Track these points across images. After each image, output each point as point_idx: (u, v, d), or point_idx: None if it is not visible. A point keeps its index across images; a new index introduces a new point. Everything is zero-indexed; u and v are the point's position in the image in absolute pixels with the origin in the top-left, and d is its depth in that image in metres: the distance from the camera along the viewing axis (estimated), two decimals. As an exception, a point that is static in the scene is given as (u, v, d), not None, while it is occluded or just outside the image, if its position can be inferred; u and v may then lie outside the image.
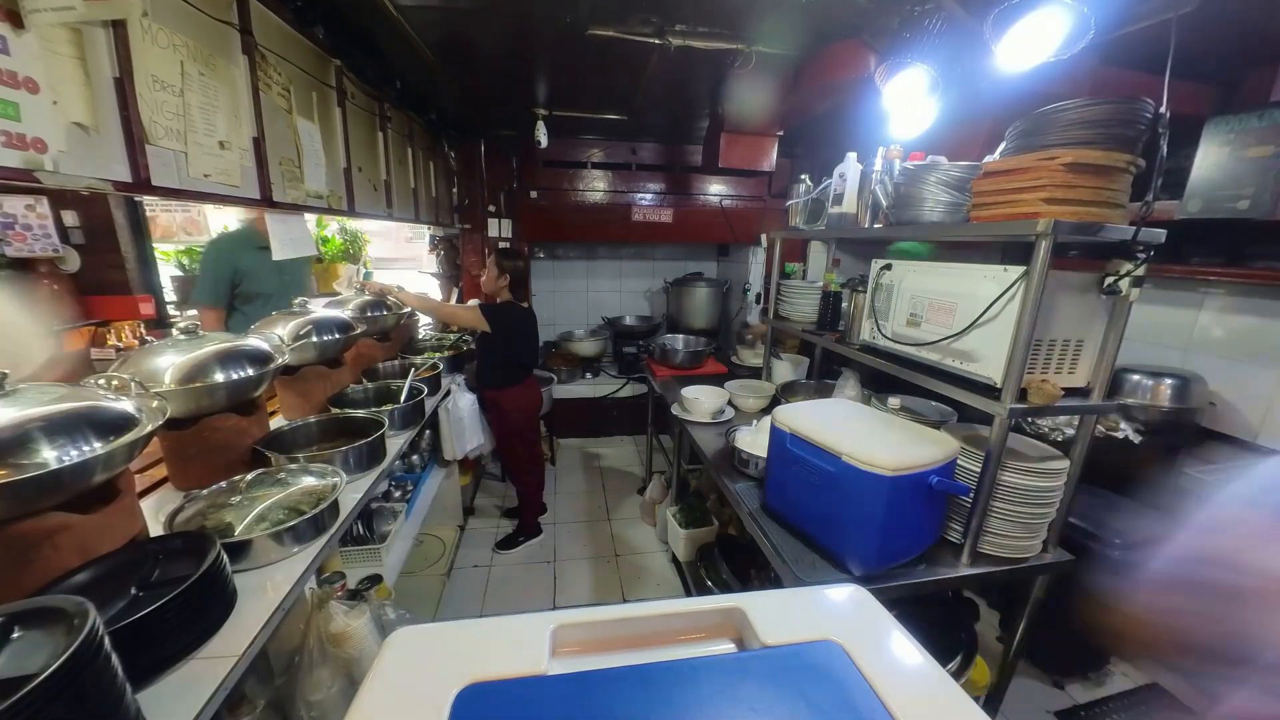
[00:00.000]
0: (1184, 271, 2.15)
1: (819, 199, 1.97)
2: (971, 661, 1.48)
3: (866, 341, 1.67)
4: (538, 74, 2.48)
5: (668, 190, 4.00)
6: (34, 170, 0.90)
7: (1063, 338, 1.23)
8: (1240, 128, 1.83)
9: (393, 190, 2.53)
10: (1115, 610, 0.71)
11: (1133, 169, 1.08)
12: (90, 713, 0.62)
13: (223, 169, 1.36)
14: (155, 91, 1.15)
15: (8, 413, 0.82)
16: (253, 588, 1.03)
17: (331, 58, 1.90)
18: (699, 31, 1.92)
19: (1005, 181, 1.16)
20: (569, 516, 3.23)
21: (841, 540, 1.26)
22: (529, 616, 0.44)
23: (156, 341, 1.43)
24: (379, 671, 0.38)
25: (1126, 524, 1.88)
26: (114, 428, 0.90)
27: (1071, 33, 1.32)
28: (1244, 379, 2.06)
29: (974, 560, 1.29)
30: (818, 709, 0.35)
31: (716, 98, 2.73)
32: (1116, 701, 1.97)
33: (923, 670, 0.39)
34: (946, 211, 1.37)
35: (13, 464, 0.77)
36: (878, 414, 1.43)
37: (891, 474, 1.12)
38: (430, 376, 2.34)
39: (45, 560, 0.84)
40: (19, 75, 0.87)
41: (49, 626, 0.66)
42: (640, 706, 0.35)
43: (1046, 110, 1.11)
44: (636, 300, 4.65)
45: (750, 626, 0.42)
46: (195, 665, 0.84)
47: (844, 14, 1.78)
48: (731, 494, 1.67)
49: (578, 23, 1.83)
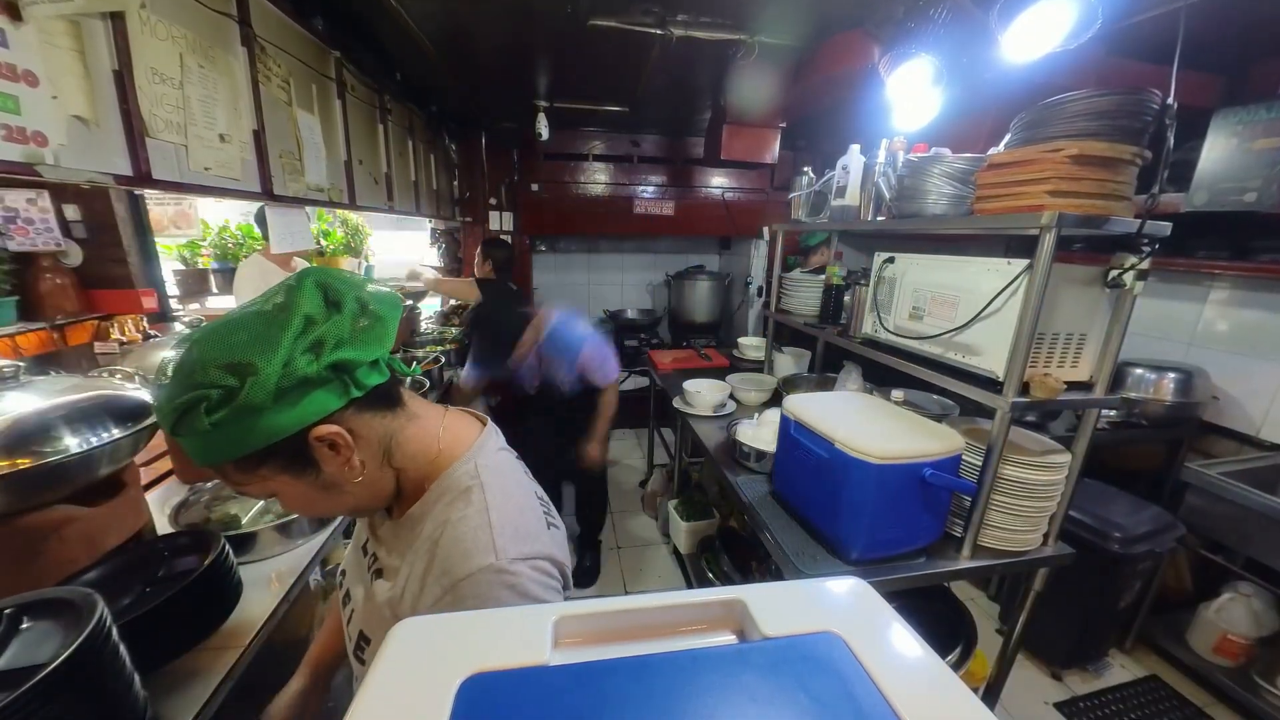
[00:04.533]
0: (1189, 265, 2.14)
1: (821, 191, 1.96)
2: (971, 653, 1.50)
3: (868, 335, 1.67)
4: (539, 66, 2.46)
5: (669, 183, 3.98)
6: (35, 164, 0.90)
7: (1065, 331, 1.22)
8: (1248, 119, 1.81)
9: (394, 183, 2.52)
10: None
11: (1139, 161, 1.07)
12: (99, 702, 0.63)
13: (223, 162, 1.35)
14: (155, 84, 1.14)
15: (29, 402, 0.82)
16: (258, 579, 1.04)
17: (331, 50, 1.88)
18: (701, 22, 1.91)
19: (1009, 174, 1.15)
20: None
21: (834, 526, 1.29)
22: (531, 608, 0.44)
23: (160, 336, 1.44)
24: (382, 662, 0.38)
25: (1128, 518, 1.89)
26: (132, 415, 0.91)
27: (1079, 22, 1.30)
28: (1247, 373, 2.06)
29: (975, 553, 1.29)
30: (817, 699, 0.35)
31: (718, 89, 2.70)
32: (1115, 693, 1.99)
33: (922, 662, 0.39)
34: (950, 204, 1.36)
35: (35, 451, 0.78)
36: (887, 407, 1.43)
37: (878, 462, 1.14)
38: (432, 369, 2.34)
39: (53, 552, 0.85)
40: (18, 68, 0.87)
41: (58, 618, 0.67)
42: (641, 696, 0.36)
43: (1052, 102, 1.10)
44: (638, 293, 4.64)
45: (751, 618, 0.43)
46: (202, 656, 0.85)
47: (848, 4, 1.76)
48: (733, 487, 1.68)
49: (579, 13, 1.81)
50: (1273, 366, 1.99)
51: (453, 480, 0.62)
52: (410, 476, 0.63)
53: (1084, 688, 2.01)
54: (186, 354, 0.51)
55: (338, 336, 0.53)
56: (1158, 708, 1.93)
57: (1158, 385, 2.09)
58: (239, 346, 0.50)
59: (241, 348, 0.50)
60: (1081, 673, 2.07)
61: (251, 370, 0.49)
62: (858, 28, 1.88)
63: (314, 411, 0.53)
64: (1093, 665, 2.09)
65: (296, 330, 0.52)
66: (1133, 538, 1.83)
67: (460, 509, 0.60)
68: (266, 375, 0.49)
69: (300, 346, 0.51)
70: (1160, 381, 2.08)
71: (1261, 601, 1.88)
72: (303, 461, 0.55)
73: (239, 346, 0.50)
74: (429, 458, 0.64)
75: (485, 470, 0.64)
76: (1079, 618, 1.95)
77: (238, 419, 0.50)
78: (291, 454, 0.54)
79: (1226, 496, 1.67)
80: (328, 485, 0.57)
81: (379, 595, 0.63)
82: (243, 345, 0.50)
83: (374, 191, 2.34)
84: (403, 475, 0.63)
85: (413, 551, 0.61)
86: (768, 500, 1.56)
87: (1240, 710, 1.87)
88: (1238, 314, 2.10)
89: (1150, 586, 2.04)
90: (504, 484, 0.64)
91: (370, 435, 0.59)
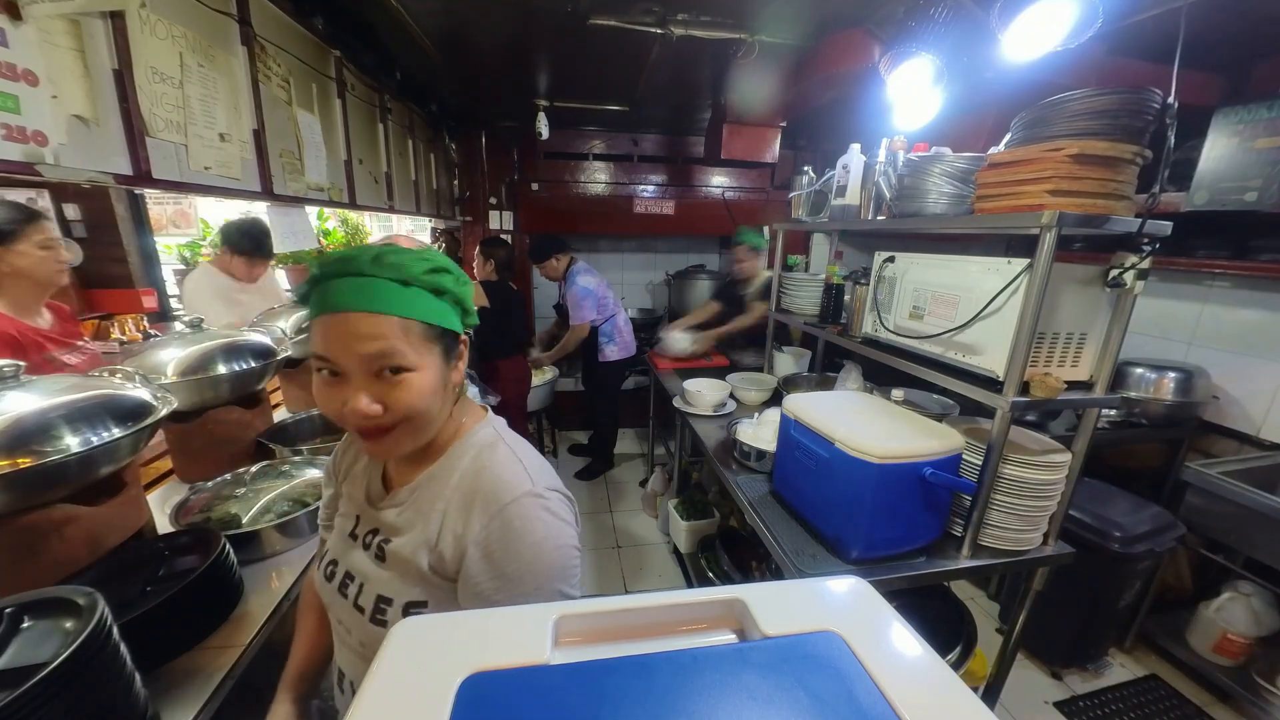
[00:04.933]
0: (1189, 264, 2.14)
1: (822, 191, 1.95)
2: (971, 652, 1.50)
3: (869, 334, 1.67)
4: (539, 64, 2.46)
5: (669, 182, 3.98)
6: (35, 163, 0.90)
7: (1066, 331, 1.22)
8: (1249, 119, 1.81)
9: (394, 182, 2.52)
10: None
11: (1139, 160, 1.07)
12: (100, 701, 0.63)
13: (223, 161, 1.35)
14: (155, 83, 1.14)
15: (29, 401, 0.82)
16: (259, 579, 1.04)
17: (331, 48, 1.88)
18: (701, 21, 1.91)
19: (1010, 173, 1.15)
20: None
21: (834, 525, 1.29)
22: (532, 607, 0.44)
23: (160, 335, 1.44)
24: (383, 661, 0.38)
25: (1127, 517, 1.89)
26: (132, 415, 0.91)
27: (1079, 21, 1.30)
28: (1248, 373, 2.06)
29: (974, 552, 1.29)
30: (817, 698, 0.35)
31: (719, 88, 2.70)
32: (1115, 692, 1.99)
33: (922, 661, 0.39)
34: (950, 204, 1.36)
35: (36, 450, 0.78)
36: (887, 406, 1.43)
37: (879, 461, 1.14)
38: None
39: (54, 552, 0.85)
40: (18, 68, 0.87)
41: (59, 617, 0.67)
42: (641, 695, 0.36)
43: (1052, 101, 1.10)
44: (638, 292, 4.64)
45: (751, 617, 0.43)
46: (203, 655, 0.85)
47: (848, 2, 1.76)
48: (732, 486, 1.68)
49: (579, 12, 1.81)
50: (1273, 366, 1.98)
51: (477, 438, 0.72)
52: (442, 433, 0.71)
53: (1084, 687, 2.01)
54: (405, 252, 0.63)
55: (462, 290, 0.68)
56: (1158, 707, 1.93)
57: (1158, 385, 2.08)
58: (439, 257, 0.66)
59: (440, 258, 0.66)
60: (1081, 672, 2.07)
61: (462, 279, 0.68)
62: (858, 26, 1.88)
63: (464, 324, 0.69)
64: (1092, 664, 2.09)
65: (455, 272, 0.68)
66: (1133, 537, 1.83)
67: (491, 454, 0.70)
68: (465, 283, 0.68)
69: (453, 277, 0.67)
70: (1160, 381, 2.08)
71: (1261, 601, 1.88)
72: (451, 354, 0.67)
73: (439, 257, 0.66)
74: (456, 421, 0.73)
75: (502, 430, 0.76)
76: (1079, 617, 1.95)
77: (455, 298, 0.66)
78: (450, 343, 0.67)
79: (1227, 496, 1.67)
80: (444, 386, 0.66)
81: (403, 550, 0.68)
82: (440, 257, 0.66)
83: (374, 191, 2.34)
84: (441, 430, 0.71)
85: (440, 500, 0.68)
86: (768, 499, 1.56)
87: (1240, 710, 1.87)
88: (1238, 313, 2.09)
89: (1150, 586, 2.04)
90: (520, 442, 0.75)
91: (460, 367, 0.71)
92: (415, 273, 0.61)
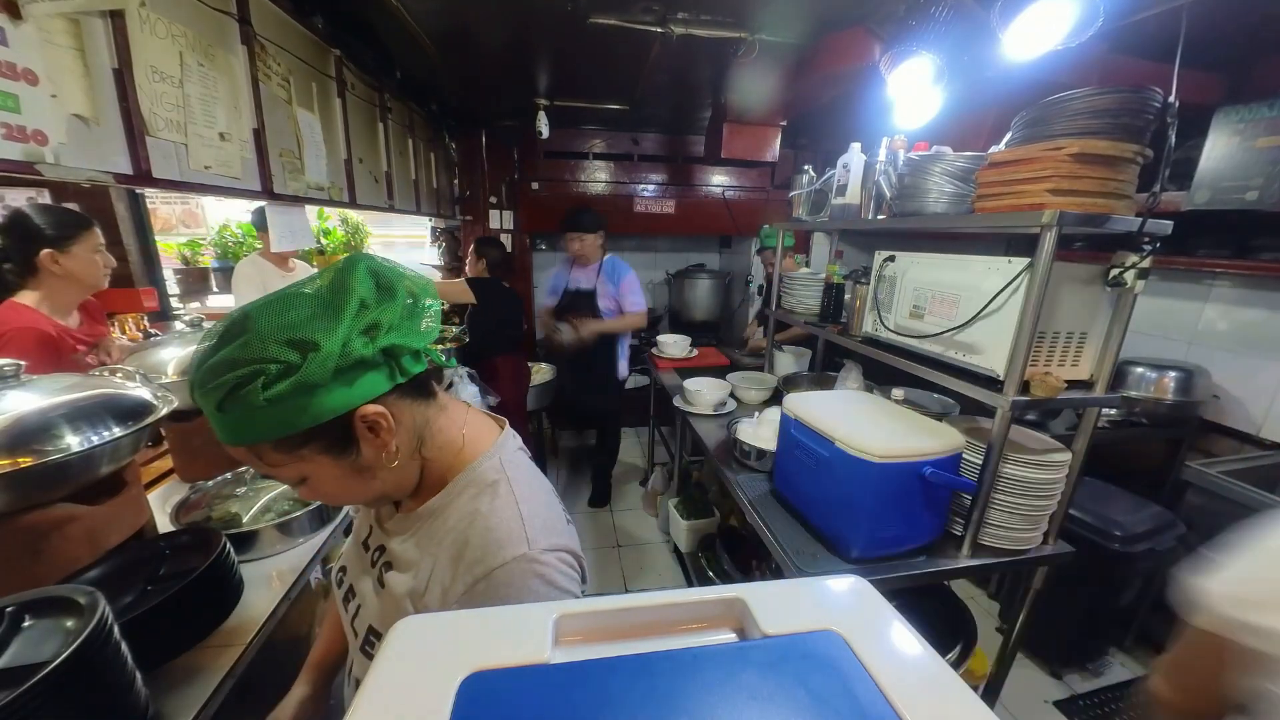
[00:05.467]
0: (1190, 263, 2.14)
1: (822, 190, 1.95)
2: (970, 651, 1.50)
3: (869, 334, 1.67)
4: (539, 63, 2.45)
5: (670, 181, 3.98)
6: (35, 163, 0.90)
7: (1066, 330, 1.22)
8: (1250, 117, 1.81)
9: (394, 182, 2.52)
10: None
11: (1140, 159, 1.06)
12: (101, 700, 0.63)
13: (223, 160, 1.35)
14: (154, 83, 1.14)
15: (30, 400, 0.82)
16: (259, 578, 1.04)
17: (331, 48, 1.88)
18: (701, 20, 1.90)
19: (1010, 172, 1.15)
20: (571, 507, 3.22)
21: (834, 524, 1.29)
22: (532, 606, 0.44)
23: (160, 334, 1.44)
24: (383, 660, 0.38)
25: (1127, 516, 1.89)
26: (133, 414, 0.91)
27: (1080, 20, 1.30)
28: (1248, 372, 2.06)
29: (974, 552, 1.29)
30: (817, 696, 0.35)
31: (719, 87, 2.70)
32: (1114, 692, 1.99)
33: (922, 660, 0.39)
34: (951, 203, 1.36)
35: (37, 450, 0.78)
36: (887, 406, 1.43)
37: (879, 461, 1.14)
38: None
39: (54, 551, 0.85)
40: (18, 67, 0.87)
41: (60, 616, 0.67)
42: (641, 694, 0.36)
43: (1053, 100, 1.09)
44: (638, 292, 4.64)
45: (751, 616, 0.43)
46: (203, 654, 0.86)
47: (848, 1, 1.75)
48: (733, 485, 1.68)
49: (579, 11, 1.81)
50: (1274, 365, 1.98)
51: (479, 473, 0.64)
52: (434, 468, 0.65)
53: (1084, 686, 2.01)
54: (239, 329, 0.51)
55: (390, 321, 0.55)
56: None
57: (1158, 384, 2.08)
58: (299, 324, 0.50)
59: (302, 325, 0.50)
60: (1081, 671, 2.07)
61: (313, 347, 0.50)
62: (858, 25, 1.88)
63: (364, 393, 0.54)
64: (1093, 664, 2.09)
65: (353, 311, 0.52)
66: (1133, 536, 1.83)
67: (489, 501, 0.61)
68: (327, 353, 0.50)
69: (357, 328, 0.52)
70: (1161, 380, 2.08)
71: (1261, 600, 1.88)
72: (344, 443, 0.56)
73: (299, 324, 0.50)
74: (454, 450, 0.65)
75: (510, 465, 0.66)
76: (1079, 616, 1.95)
77: (294, 395, 0.50)
78: (335, 434, 0.55)
79: (1227, 495, 1.67)
80: (362, 469, 0.58)
81: (396, 588, 0.63)
82: (302, 322, 0.51)
83: (374, 190, 2.34)
84: (428, 466, 0.64)
85: (435, 542, 0.62)
86: (768, 498, 1.56)
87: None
88: (1239, 313, 2.09)
89: (1150, 585, 2.04)
90: (528, 480, 0.66)
91: (407, 422, 0.60)
92: (226, 391, 0.49)
